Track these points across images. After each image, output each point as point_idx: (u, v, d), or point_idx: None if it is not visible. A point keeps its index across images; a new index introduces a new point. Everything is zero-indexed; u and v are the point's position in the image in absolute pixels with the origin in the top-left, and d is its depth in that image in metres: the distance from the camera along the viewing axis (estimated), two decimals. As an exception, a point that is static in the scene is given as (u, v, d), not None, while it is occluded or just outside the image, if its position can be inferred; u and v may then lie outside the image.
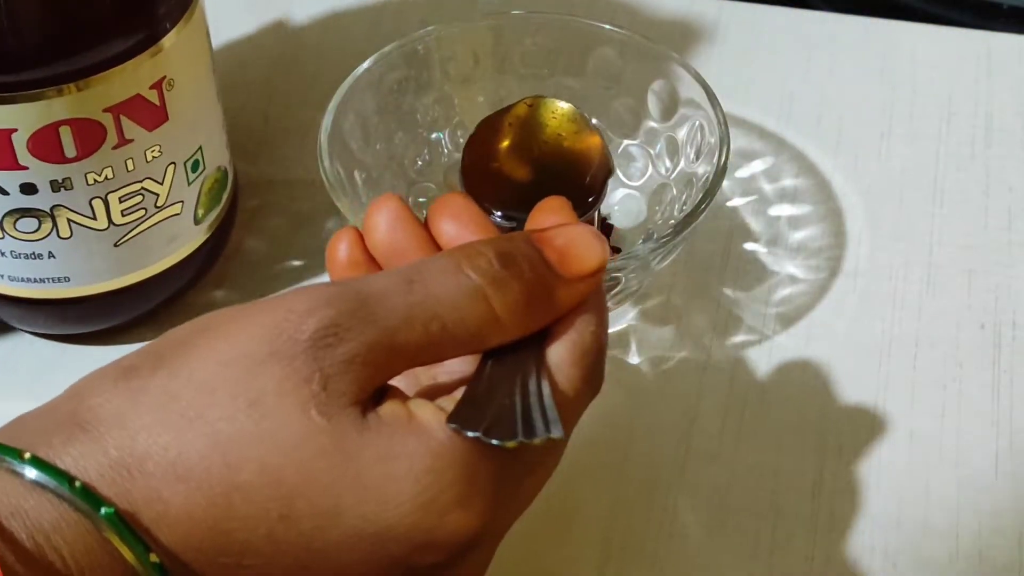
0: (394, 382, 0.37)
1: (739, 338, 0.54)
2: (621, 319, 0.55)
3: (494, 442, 0.32)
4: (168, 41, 0.47)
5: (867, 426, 0.51)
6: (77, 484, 0.30)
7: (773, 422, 0.51)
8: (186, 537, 0.31)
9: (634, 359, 0.54)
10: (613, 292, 0.50)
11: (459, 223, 0.38)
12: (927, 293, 0.56)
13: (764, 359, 0.53)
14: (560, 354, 0.36)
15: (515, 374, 0.35)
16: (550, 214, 0.39)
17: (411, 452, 0.32)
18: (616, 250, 0.56)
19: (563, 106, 0.49)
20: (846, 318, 0.55)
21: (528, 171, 0.48)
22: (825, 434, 0.51)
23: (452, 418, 0.33)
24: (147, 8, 0.46)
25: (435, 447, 0.32)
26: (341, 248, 0.39)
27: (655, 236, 0.54)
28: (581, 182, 0.48)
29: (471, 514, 0.33)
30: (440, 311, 0.34)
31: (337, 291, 0.33)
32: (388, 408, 0.33)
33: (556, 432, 0.33)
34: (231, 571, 0.32)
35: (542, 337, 0.36)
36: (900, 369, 0.53)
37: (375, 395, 0.33)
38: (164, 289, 0.53)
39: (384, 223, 0.38)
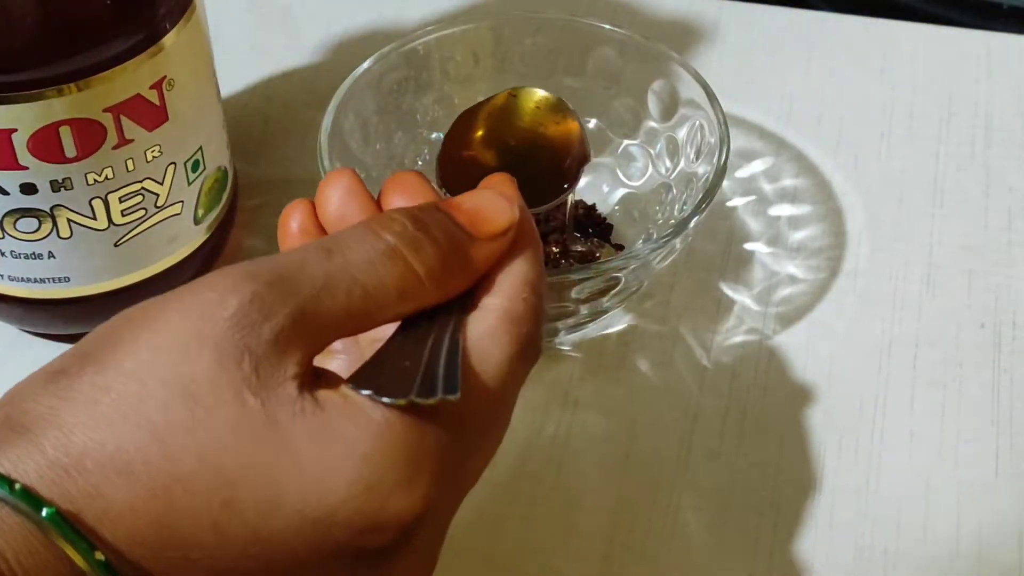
0: (339, 359, 0.37)
1: (739, 338, 0.54)
2: (622, 319, 0.55)
3: (385, 400, 0.32)
4: (168, 41, 0.47)
5: (867, 426, 0.51)
6: (17, 487, 0.30)
7: (774, 422, 0.51)
8: (130, 532, 0.31)
9: (635, 359, 0.54)
10: (613, 292, 0.50)
11: (410, 199, 0.38)
12: (927, 293, 0.56)
13: (764, 359, 0.53)
14: (490, 322, 0.35)
15: (427, 336, 0.35)
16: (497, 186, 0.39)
17: (349, 436, 0.32)
18: (619, 247, 0.56)
19: (542, 94, 0.49)
20: (846, 318, 0.55)
21: (502, 159, 0.48)
22: (825, 434, 0.51)
23: (352, 377, 0.33)
24: (147, 8, 0.46)
25: (372, 429, 0.32)
26: (293, 220, 0.39)
27: (655, 236, 0.54)
28: (556, 169, 0.48)
29: (414, 496, 0.33)
30: (359, 275, 0.34)
31: (255, 267, 0.33)
32: (323, 393, 0.33)
33: (452, 394, 0.32)
34: (178, 565, 0.31)
35: (463, 303, 0.36)
36: (900, 369, 0.53)
37: (309, 375, 0.33)
38: (164, 289, 0.51)
39: (336, 197, 0.39)
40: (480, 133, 0.48)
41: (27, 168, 0.46)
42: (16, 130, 0.45)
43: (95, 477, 0.31)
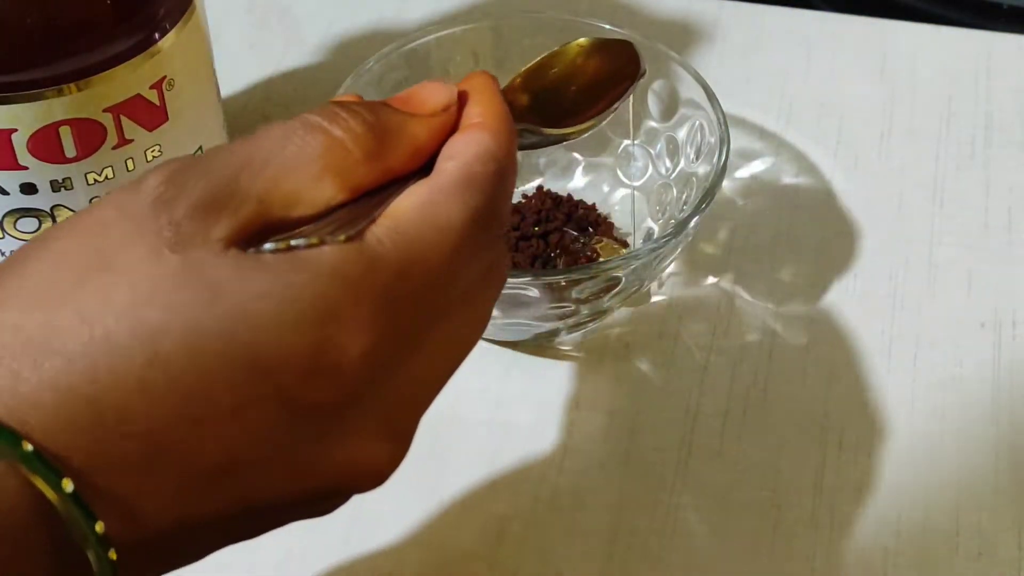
0: None
1: (739, 338, 0.54)
2: (622, 319, 0.55)
3: (267, 247, 0.30)
4: (168, 41, 0.47)
5: (867, 426, 0.51)
6: None
7: (774, 422, 0.51)
8: (55, 416, 0.29)
9: (636, 359, 0.54)
10: (613, 292, 0.50)
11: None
12: (927, 293, 0.56)
13: (764, 359, 0.53)
14: (443, 181, 0.34)
15: (355, 203, 0.33)
16: (466, 81, 0.38)
17: (277, 272, 0.30)
18: (623, 244, 0.56)
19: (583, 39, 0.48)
20: (846, 318, 0.55)
21: (543, 95, 0.46)
22: (825, 433, 0.51)
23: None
24: (147, 8, 0.46)
25: (299, 263, 0.30)
26: None
27: (655, 236, 0.54)
28: (603, 84, 0.46)
29: (353, 334, 0.30)
30: (275, 146, 0.32)
31: (173, 159, 0.32)
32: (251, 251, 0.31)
33: (335, 236, 0.31)
34: (113, 443, 0.29)
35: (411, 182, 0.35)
36: (900, 369, 0.53)
37: (238, 242, 0.31)
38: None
39: None
40: (522, 76, 0.47)
41: (27, 168, 0.46)
42: (16, 130, 0.45)
43: (13, 363, 0.29)
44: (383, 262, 0.31)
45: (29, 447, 0.28)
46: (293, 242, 0.31)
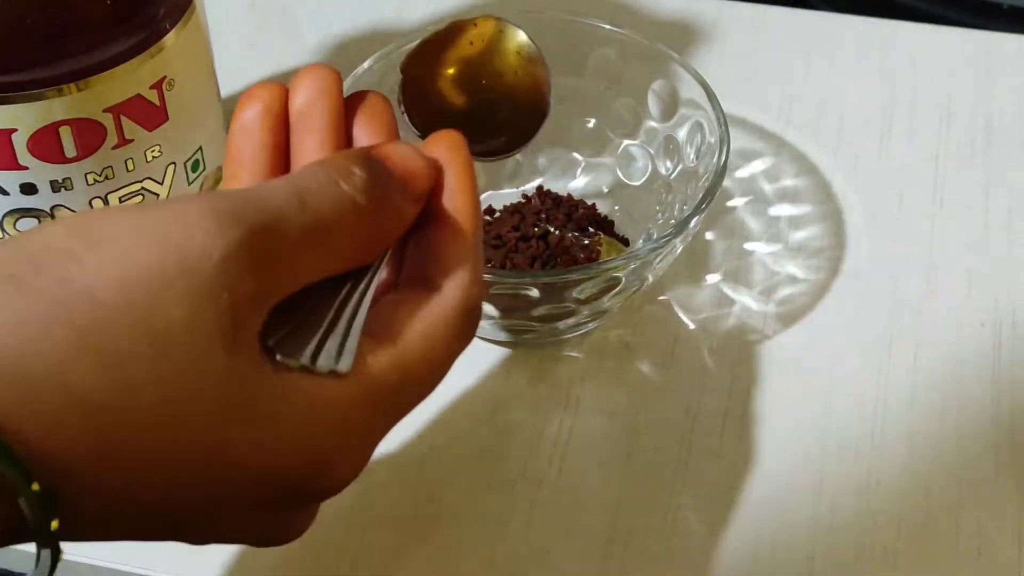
0: None
1: (739, 338, 0.54)
2: (622, 319, 0.55)
3: (278, 358, 0.33)
4: (168, 41, 0.47)
5: (867, 426, 0.51)
6: None
7: (774, 422, 0.51)
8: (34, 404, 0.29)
9: (635, 359, 0.54)
10: (614, 292, 0.50)
11: (373, 136, 0.39)
12: (927, 293, 0.56)
13: (764, 359, 0.53)
14: (448, 309, 0.36)
15: (340, 291, 0.35)
16: (443, 147, 0.39)
17: (298, 390, 0.33)
18: (625, 241, 0.56)
19: (521, 39, 0.48)
20: (846, 318, 0.55)
21: (466, 100, 0.46)
22: (825, 434, 0.51)
23: (266, 325, 0.33)
24: (147, 8, 0.46)
25: (316, 395, 0.33)
26: (255, 106, 0.38)
27: (655, 236, 0.54)
28: (516, 121, 0.47)
29: (352, 461, 0.35)
30: (329, 232, 0.34)
31: (240, 207, 0.32)
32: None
33: (343, 366, 0.34)
34: (109, 462, 0.30)
35: (377, 263, 0.37)
36: (900, 369, 0.53)
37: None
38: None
39: (307, 91, 0.38)
40: (450, 67, 0.47)
41: (27, 168, 0.46)
42: (16, 130, 0.45)
43: (34, 396, 0.29)
44: (387, 400, 0.35)
45: (36, 487, 0.29)
46: (318, 365, 0.33)
